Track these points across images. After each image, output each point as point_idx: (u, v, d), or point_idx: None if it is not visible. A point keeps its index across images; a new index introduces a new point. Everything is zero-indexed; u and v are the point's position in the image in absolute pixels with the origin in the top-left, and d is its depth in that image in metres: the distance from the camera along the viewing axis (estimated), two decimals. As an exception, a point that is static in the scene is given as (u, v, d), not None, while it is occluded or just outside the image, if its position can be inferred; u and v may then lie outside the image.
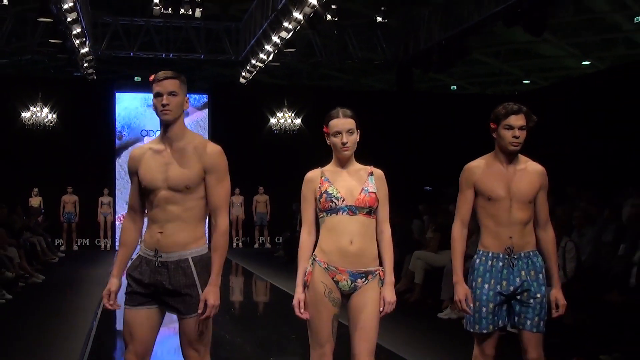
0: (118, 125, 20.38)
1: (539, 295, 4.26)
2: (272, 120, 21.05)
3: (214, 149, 3.83)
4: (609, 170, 15.06)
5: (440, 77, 24.04)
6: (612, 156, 15.35)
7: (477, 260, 4.35)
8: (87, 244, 19.33)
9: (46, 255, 15.00)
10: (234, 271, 14.85)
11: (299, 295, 3.94)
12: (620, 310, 6.05)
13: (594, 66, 22.39)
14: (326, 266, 3.87)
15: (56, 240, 18.36)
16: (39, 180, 18.72)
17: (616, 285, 6.60)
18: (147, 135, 20.28)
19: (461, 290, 4.26)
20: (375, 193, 3.96)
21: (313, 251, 3.94)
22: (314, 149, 22.54)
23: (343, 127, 3.90)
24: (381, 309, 3.93)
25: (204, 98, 21.31)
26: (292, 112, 21.04)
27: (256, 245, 20.26)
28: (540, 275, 4.27)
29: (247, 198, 19.77)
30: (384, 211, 4.08)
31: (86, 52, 16.63)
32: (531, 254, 4.26)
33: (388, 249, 4.06)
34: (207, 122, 21.06)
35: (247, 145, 20.23)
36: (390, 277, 3.96)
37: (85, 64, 17.76)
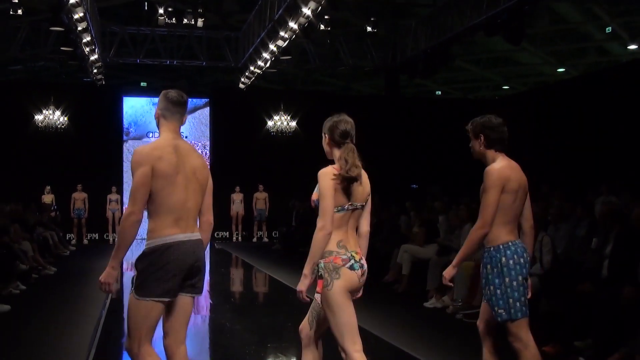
0: (125, 122, 20.38)
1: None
2: (270, 123, 21.03)
3: None
4: (583, 170, 15.11)
5: (425, 82, 24.07)
6: (586, 156, 15.39)
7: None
8: (97, 238, 19.31)
9: (58, 248, 14.96)
10: (234, 263, 14.86)
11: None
12: (593, 300, 6.07)
13: (568, 73, 22.46)
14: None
15: (67, 234, 18.34)
16: (51, 179, 18.72)
17: (589, 277, 6.62)
18: (153, 135, 20.25)
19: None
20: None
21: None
22: (308, 150, 22.68)
23: None
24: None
25: (205, 102, 21.31)
26: (288, 115, 21.02)
27: (254, 239, 20.24)
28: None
29: (247, 195, 19.77)
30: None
31: (95, 59, 16.59)
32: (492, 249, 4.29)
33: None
34: (208, 118, 21.09)
35: (246, 146, 20.23)
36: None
37: (95, 70, 17.72)
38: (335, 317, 3.72)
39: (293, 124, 21.03)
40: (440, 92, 26.62)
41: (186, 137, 20.94)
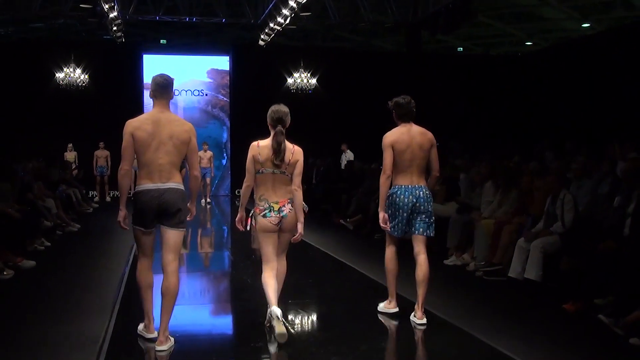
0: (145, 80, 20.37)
1: None
2: (289, 80, 20.93)
3: None
4: (607, 126, 14.91)
5: (447, 38, 23.74)
6: (611, 113, 15.19)
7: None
8: (119, 195, 19.47)
9: (81, 206, 15.11)
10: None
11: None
12: (614, 258, 6.03)
13: (592, 28, 22.01)
14: None
15: (90, 192, 18.53)
16: (73, 137, 18.86)
17: (611, 235, 6.57)
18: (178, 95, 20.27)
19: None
20: None
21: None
22: (328, 107, 22.45)
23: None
24: None
25: (225, 59, 21.22)
26: (308, 73, 20.90)
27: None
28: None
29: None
30: None
31: (115, 16, 16.53)
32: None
33: None
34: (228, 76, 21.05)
35: (266, 103, 19.78)
36: None
37: (114, 28, 17.67)
38: (259, 245, 5.48)
39: (313, 81, 20.92)
40: (462, 49, 26.24)
41: (206, 94, 20.96)
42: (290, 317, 6.05)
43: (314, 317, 6.35)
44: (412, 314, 5.80)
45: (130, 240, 10.71)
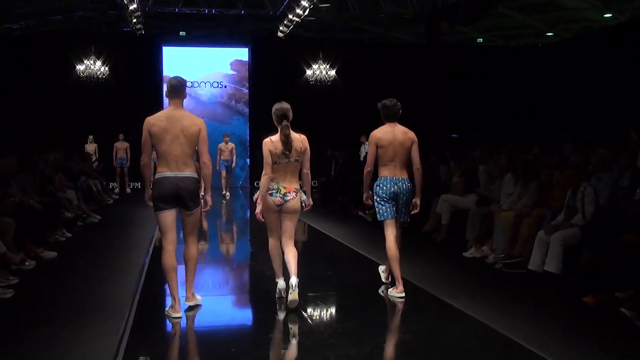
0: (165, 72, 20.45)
1: None
2: (308, 72, 20.94)
3: None
4: (628, 118, 14.75)
5: (467, 30, 23.57)
6: (632, 104, 15.02)
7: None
8: (139, 187, 19.53)
9: (101, 197, 15.21)
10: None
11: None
12: (636, 250, 5.98)
13: (615, 18, 21.74)
14: None
15: (110, 183, 18.63)
16: (94, 128, 18.96)
17: (632, 228, 6.51)
18: (191, 86, 20.30)
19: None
20: None
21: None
22: (347, 98, 22.36)
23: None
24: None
25: (244, 51, 21.24)
26: (327, 64, 20.88)
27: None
28: None
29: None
30: None
31: (134, 8, 16.60)
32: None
33: None
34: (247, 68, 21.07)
35: (285, 95, 19.94)
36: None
37: (134, 20, 17.74)
38: (265, 219, 6.19)
39: (332, 72, 20.90)
40: (481, 40, 26.04)
41: (225, 86, 20.99)
42: (309, 309, 6.06)
43: (333, 308, 6.36)
44: (392, 288, 6.59)
45: (151, 231, 10.83)
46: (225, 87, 21.11)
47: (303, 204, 6.13)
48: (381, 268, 7.23)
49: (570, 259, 7.02)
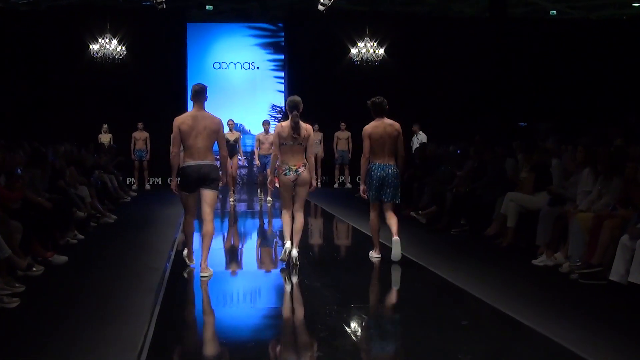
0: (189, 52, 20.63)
1: None
2: (353, 51, 20.89)
3: None
4: None
5: (537, 0, 23.28)
6: None
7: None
8: (160, 182, 19.66)
9: (118, 194, 15.38)
10: (313, 212, 14.91)
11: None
12: None
13: None
14: None
15: (128, 179, 18.80)
16: (109, 116, 19.12)
17: None
18: (219, 68, 20.45)
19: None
20: None
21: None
22: (398, 81, 22.24)
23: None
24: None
25: (279, 28, 21.31)
26: (375, 42, 20.80)
27: (336, 185, 20.36)
28: None
29: (328, 135, 19.76)
30: None
31: (155, -21, 16.71)
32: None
33: None
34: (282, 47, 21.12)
35: (326, 77, 20.21)
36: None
37: (155, -8, 17.88)
38: (281, 196, 8.77)
39: (381, 51, 20.82)
40: (555, 12, 25.70)
41: (257, 68, 21.13)
42: (352, 324, 6.06)
43: (380, 323, 6.35)
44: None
45: (172, 233, 10.95)
46: (258, 68, 21.23)
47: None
48: (371, 253, 9.10)
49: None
